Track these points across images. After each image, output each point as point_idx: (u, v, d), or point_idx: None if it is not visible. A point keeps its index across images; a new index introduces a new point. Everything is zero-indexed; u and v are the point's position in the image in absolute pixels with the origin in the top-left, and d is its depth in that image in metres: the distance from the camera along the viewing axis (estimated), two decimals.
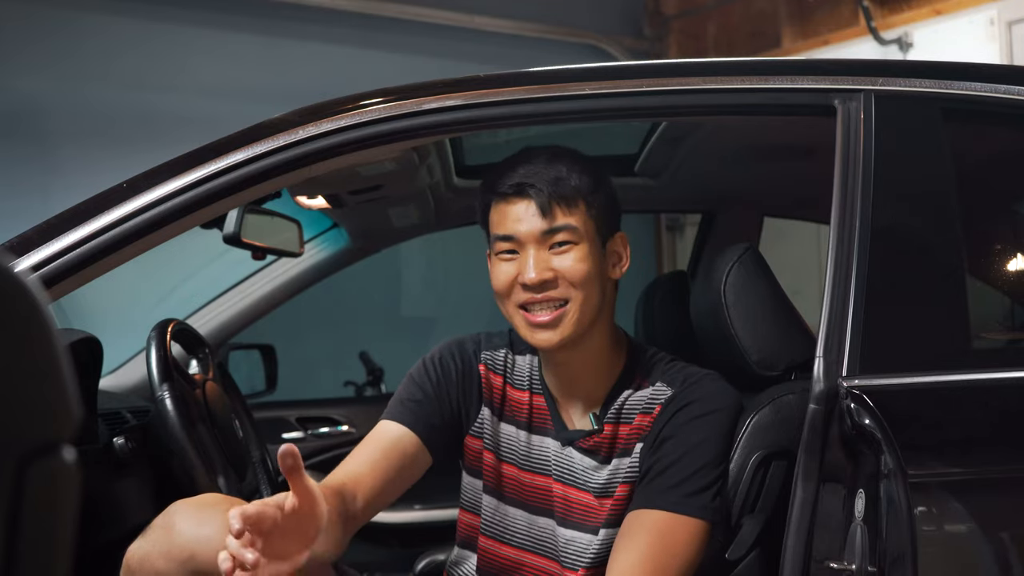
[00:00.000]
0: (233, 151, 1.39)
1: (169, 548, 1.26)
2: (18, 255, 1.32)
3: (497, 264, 1.50)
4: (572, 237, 1.46)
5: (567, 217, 1.46)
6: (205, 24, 4.15)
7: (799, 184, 2.26)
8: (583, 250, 1.47)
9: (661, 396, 1.50)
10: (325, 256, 2.63)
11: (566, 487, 1.53)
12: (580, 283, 1.46)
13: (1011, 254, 1.64)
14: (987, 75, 1.47)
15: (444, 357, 1.59)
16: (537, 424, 1.57)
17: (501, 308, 1.52)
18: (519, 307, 1.48)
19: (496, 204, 1.51)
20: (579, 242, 1.47)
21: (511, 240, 1.48)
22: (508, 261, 1.48)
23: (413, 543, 2.53)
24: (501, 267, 1.49)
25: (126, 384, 2.47)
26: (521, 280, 1.46)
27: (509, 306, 1.49)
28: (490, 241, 1.53)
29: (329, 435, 2.80)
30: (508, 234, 1.48)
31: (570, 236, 1.46)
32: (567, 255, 1.46)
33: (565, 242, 1.46)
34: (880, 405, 1.25)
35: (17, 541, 0.54)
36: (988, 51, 3.81)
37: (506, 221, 1.48)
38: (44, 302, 0.56)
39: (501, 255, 1.49)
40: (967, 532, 1.29)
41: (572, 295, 1.46)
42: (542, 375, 1.58)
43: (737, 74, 1.46)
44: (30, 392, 0.55)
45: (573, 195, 1.47)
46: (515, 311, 1.48)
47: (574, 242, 1.47)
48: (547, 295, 1.45)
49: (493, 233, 1.51)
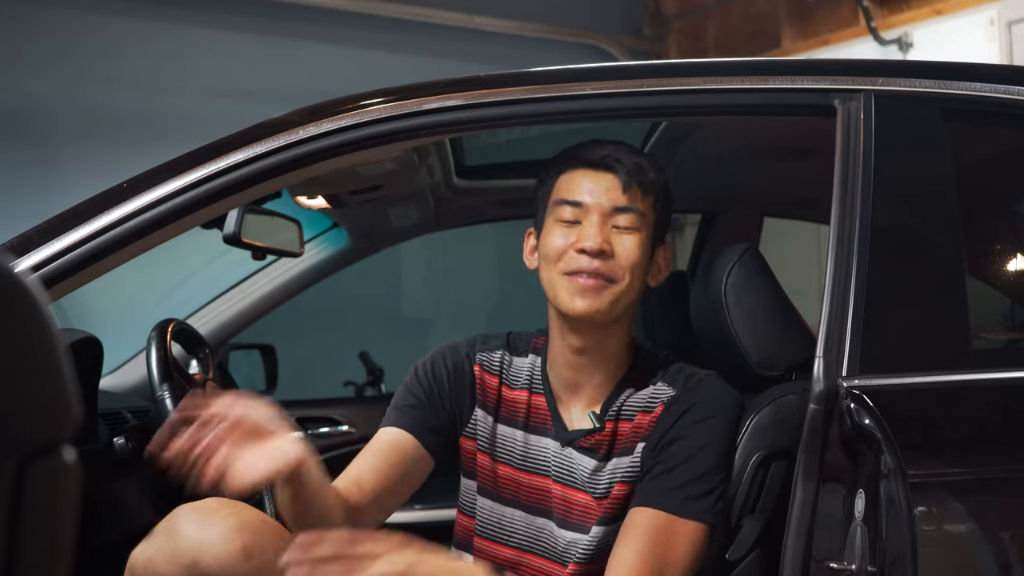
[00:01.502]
0: (233, 151, 1.39)
1: (173, 552, 1.26)
2: (18, 255, 1.32)
3: (554, 229, 1.51)
4: (637, 223, 1.49)
5: (641, 202, 1.50)
6: (205, 24, 4.15)
7: (799, 184, 2.26)
8: (641, 238, 1.50)
9: (662, 395, 1.51)
10: (325, 256, 2.63)
11: (565, 488, 1.53)
12: (631, 267, 1.48)
13: (1011, 254, 1.64)
14: (987, 75, 1.47)
15: (435, 361, 1.60)
16: (535, 424, 1.57)
17: (544, 275, 1.52)
18: (566, 274, 1.48)
19: (572, 172, 1.52)
20: (640, 230, 1.50)
21: (579, 207, 1.49)
22: (567, 228, 1.50)
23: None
24: (557, 232, 1.50)
25: (126, 384, 2.47)
26: (579, 246, 1.47)
27: (555, 272, 1.49)
28: (547, 209, 1.54)
29: (329, 435, 2.80)
30: (579, 200, 1.50)
31: (635, 221, 1.49)
32: (628, 237, 1.49)
33: (629, 227, 1.49)
34: (880, 405, 1.25)
35: (17, 541, 0.54)
36: (988, 51, 3.81)
37: (579, 188, 1.50)
38: (44, 302, 0.56)
39: (561, 221, 1.51)
40: (967, 532, 1.29)
41: (621, 276, 1.47)
42: (544, 375, 1.58)
43: (737, 74, 1.46)
44: (31, 392, 0.55)
45: (649, 184, 1.51)
46: (560, 277, 1.49)
47: (636, 229, 1.49)
48: (598, 267, 1.46)
49: (559, 198, 1.52)
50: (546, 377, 1.58)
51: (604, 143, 1.53)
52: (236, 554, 1.27)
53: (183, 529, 1.27)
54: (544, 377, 1.58)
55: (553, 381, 1.58)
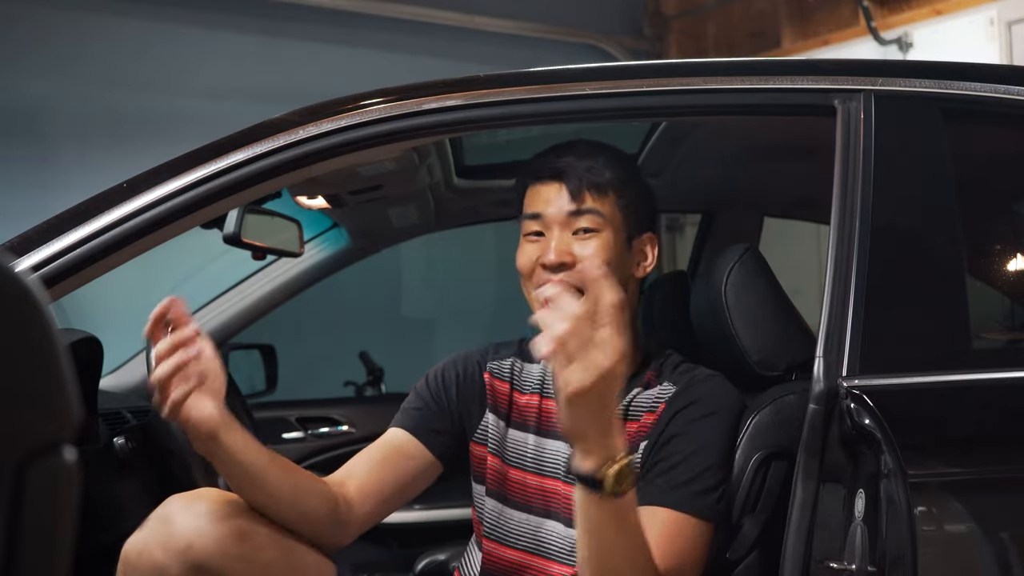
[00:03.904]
0: (233, 151, 1.39)
1: (167, 539, 1.27)
2: (18, 255, 1.31)
3: (523, 246, 1.54)
4: (596, 224, 1.50)
5: (594, 202, 1.50)
6: (205, 24, 4.15)
7: (799, 184, 2.26)
8: (605, 239, 1.50)
9: (666, 395, 1.51)
10: (325, 256, 2.63)
11: (573, 488, 1.53)
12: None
13: (1011, 254, 1.64)
14: (987, 75, 1.47)
15: (446, 368, 1.63)
16: (546, 427, 1.58)
17: (524, 290, 1.55)
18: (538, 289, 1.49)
19: (532, 186, 1.55)
20: (602, 231, 1.50)
21: (538, 219, 1.52)
22: (533, 243, 1.53)
23: (413, 543, 2.53)
24: (526, 248, 1.53)
25: (126, 384, 2.47)
26: (541, 260, 1.50)
27: (530, 288, 1.52)
28: (520, 225, 1.57)
29: (329, 435, 2.80)
30: (536, 212, 1.52)
31: (594, 223, 1.50)
32: (589, 242, 1.50)
33: (589, 229, 1.50)
34: (880, 405, 1.25)
35: (17, 541, 0.54)
36: (988, 51, 3.81)
37: (537, 201, 1.53)
38: (44, 302, 0.56)
39: (528, 236, 1.53)
40: (967, 532, 1.29)
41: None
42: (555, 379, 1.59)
43: (737, 74, 1.46)
44: (31, 392, 0.55)
45: (604, 184, 1.51)
46: (534, 294, 1.51)
47: (597, 230, 1.50)
48: (562, 280, 1.46)
49: (524, 213, 1.55)
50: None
51: (561, 150, 1.54)
52: (230, 537, 1.29)
53: (176, 516, 1.29)
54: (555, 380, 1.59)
55: None
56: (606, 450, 1.17)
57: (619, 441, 1.18)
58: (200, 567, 1.28)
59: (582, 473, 1.19)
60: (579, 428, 1.16)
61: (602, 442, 1.17)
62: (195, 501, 1.32)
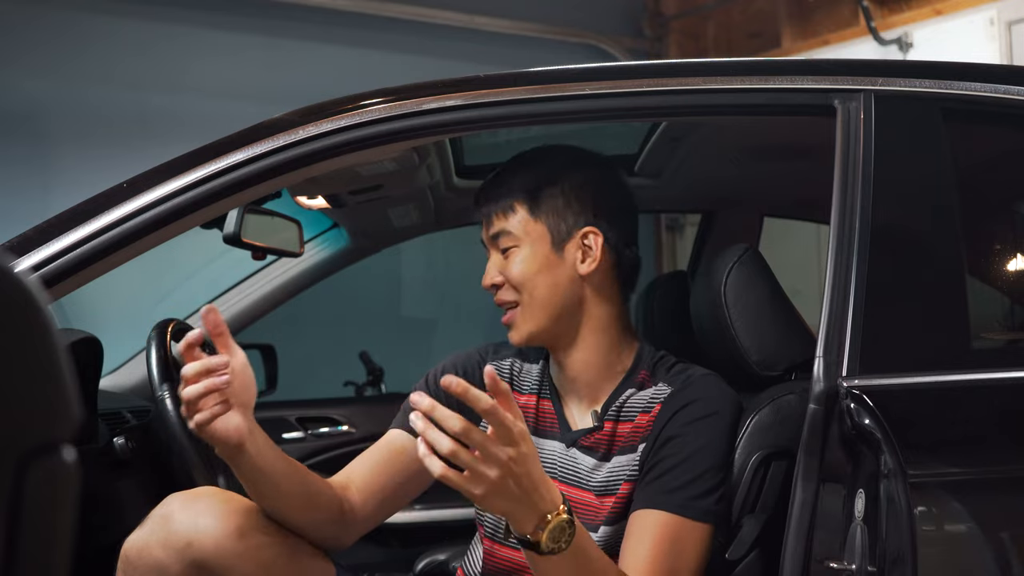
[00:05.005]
0: (233, 151, 1.39)
1: (167, 537, 1.28)
2: (18, 255, 1.32)
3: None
4: (511, 241, 1.53)
5: (502, 222, 1.54)
6: (205, 25, 4.15)
7: (799, 184, 2.26)
8: (524, 252, 1.52)
9: (661, 395, 1.51)
10: (325, 256, 2.63)
11: (570, 488, 1.54)
12: (521, 284, 1.52)
13: (1011, 254, 1.64)
14: (987, 75, 1.47)
15: (447, 367, 1.63)
16: (542, 427, 1.58)
17: None
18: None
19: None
20: (519, 245, 1.53)
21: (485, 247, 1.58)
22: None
23: (413, 543, 2.53)
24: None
25: (126, 384, 2.47)
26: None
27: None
28: None
29: (329, 435, 2.80)
30: (482, 240, 1.59)
31: (509, 241, 1.53)
32: (510, 259, 1.53)
33: (509, 247, 1.53)
34: (880, 405, 1.25)
35: (17, 541, 0.54)
36: (988, 51, 3.81)
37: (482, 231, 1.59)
38: (44, 302, 0.56)
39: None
40: (967, 532, 1.29)
41: (520, 295, 1.52)
42: (552, 379, 1.59)
43: (737, 74, 1.46)
44: (30, 392, 0.55)
45: (508, 199, 1.54)
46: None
47: (515, 245, 1.53)
48: (498, 298, 1.54)
49: None
50: (552, 381, 1.60)
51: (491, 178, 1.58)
52: (230, 534, 1.29)
53: (176, 514, 1.30)
54: (551, 381, 1.60)
55: (556, 382, 1.60)
56: (536, 515, 1.21)
57: (547, 501, 1.22)
58: (200, 565, 1.28)
59: (519, 537, 1.24)
60: (501, 511, 1.22)
61: (530, 511, 1.21)
62: (195, 499, 1.32)
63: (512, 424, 1.19)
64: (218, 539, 1.29)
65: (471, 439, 1.18)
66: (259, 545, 1.33)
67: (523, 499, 1.20)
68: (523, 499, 1.20)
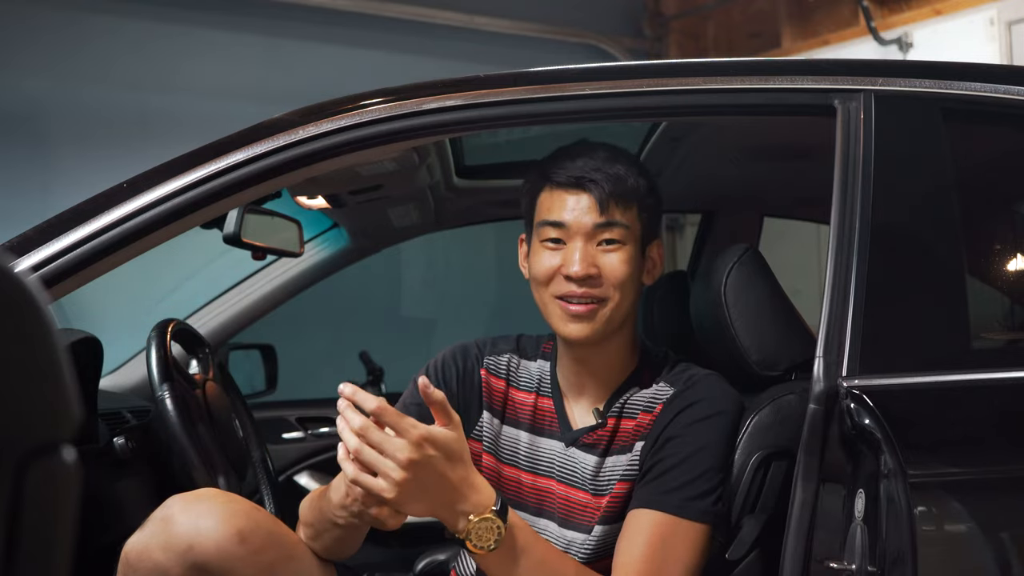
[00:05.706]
0: (233, 151, 1.39)
1: (168, 540, 1.28)
2: (18, 255, 1.31)
3: (540, 252, 1.50)
4: (622, 237, 1.48)
5: (623, 215, 1.48)
6: (205, 25, 4.15)
7: (799, 184, 2.26)
8: (628, 252, 1.48)
9: (663, 395, 1.51)
10: (325, 256, 2.63)
11: (567, 487, 1.53)
12: (620, 284, 1.47)
13: (1011, 254, 1.64)
14: (987, 75, 1.47)
15: (446, 361, 1.61)
16: (540, 426, 1.58)
17: (536, 295, 1.52)
18: (557, 297, 1.48)
19: (550, 190, 1.51)
20: (626, 243, 1.48)
21: (560, 228, 1.48)
22: (552, 251, 1.49)
23: (413, 543, 2.52)
24: (544, 255, 1.49)
25: (126, 384, 2.47)
26: (565, 272, 1.46)
27: (546, 295, 1.49)
28: (533, 227, 1.53)
29: (329, 435, 2.80)
30: (559, 221, 1.47)
31: (620, 235, 1.48)
32: (613, 254, 1.47)
33: (613, 241, 1.47)
34: (880, 405, 1.25)
35: (17, 541, 0.54)
36: (988, 51, 3.81)
37: (560, 209, 1.48)
38: (44, 302, 0.56)
39: (546, 243, 1.49)
40: (967, 532, 1.29)
41: (610, 295, 1.47)
42: (553, 378, 1.59)
43: (737, 74, 1.46)
44: (30, 392, 0.55)
45: (630, 196, 1.49)
46: (551, 300, 1.49)
47: (622, 242, 1.48)
48: (588, 291, 1.46)
49: (542, 218, 1.51)
50: (555, 381, 1.59)
51: (575, 158, 1.49)
52: (231, 538, 1.29)
53: (177, 517, 1.29)
54: (553, 381, 1.59)
55: (562, 381, 1.59)
56: (457, 516, 1.23)
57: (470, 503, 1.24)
58: (201, 568, 1.28)
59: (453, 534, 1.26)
60: (420, 513, 1.23)
61: (450, 513, 1.23)
62: (196, 502, 1.32)
63: (410, 427, 1.19)
64: (219, 542, 1.28)
65: (368, 438, 1.18)
66: (260, 547, 1.33)
67: (438, 500, 1.22)
68: (438, 500, 1.22)
